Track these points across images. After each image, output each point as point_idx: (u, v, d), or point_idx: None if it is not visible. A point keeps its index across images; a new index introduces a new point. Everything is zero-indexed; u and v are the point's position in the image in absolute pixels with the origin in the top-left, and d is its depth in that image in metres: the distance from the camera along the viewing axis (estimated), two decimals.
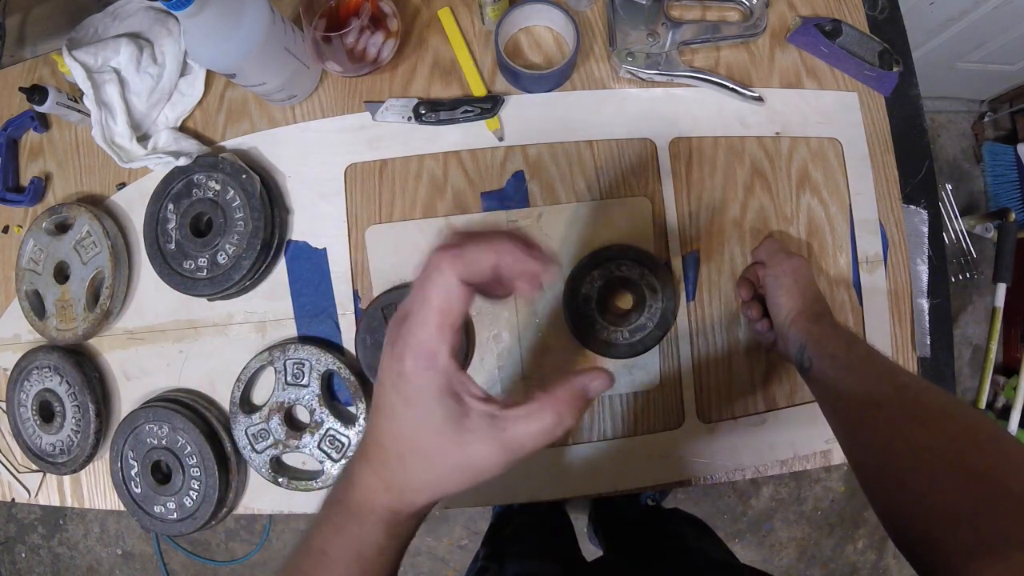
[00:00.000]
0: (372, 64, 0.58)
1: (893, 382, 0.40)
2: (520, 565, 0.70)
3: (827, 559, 1.45)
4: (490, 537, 0.84)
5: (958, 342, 1.49)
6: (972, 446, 0.32)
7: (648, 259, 0.57)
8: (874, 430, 0.38)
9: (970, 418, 0.34)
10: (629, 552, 0.83)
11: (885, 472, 0.36)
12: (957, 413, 0.35)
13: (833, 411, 0.44)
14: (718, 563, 0.63)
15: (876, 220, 0.60)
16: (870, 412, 0.39)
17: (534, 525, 0.86)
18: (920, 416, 0.35)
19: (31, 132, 0.67)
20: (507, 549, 0.76)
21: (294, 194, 0.62)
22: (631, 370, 0.59)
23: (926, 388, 0.38)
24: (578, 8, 0.61)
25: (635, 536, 0.88)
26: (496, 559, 0.73)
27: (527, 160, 0.60)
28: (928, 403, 0.36)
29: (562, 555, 0.78)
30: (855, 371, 0.42)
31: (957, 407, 0.35)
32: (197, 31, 0.49)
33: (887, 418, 0.37)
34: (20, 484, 0.66)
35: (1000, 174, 1.47)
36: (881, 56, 0.59)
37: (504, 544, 0.79)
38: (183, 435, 0.58)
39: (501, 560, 0.71)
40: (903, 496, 0.33)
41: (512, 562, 0.70)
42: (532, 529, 0.84)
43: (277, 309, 0.61)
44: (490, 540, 0.82)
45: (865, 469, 0.39)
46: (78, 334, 0.60)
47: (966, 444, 0.32)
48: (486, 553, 0.77)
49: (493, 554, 0.75)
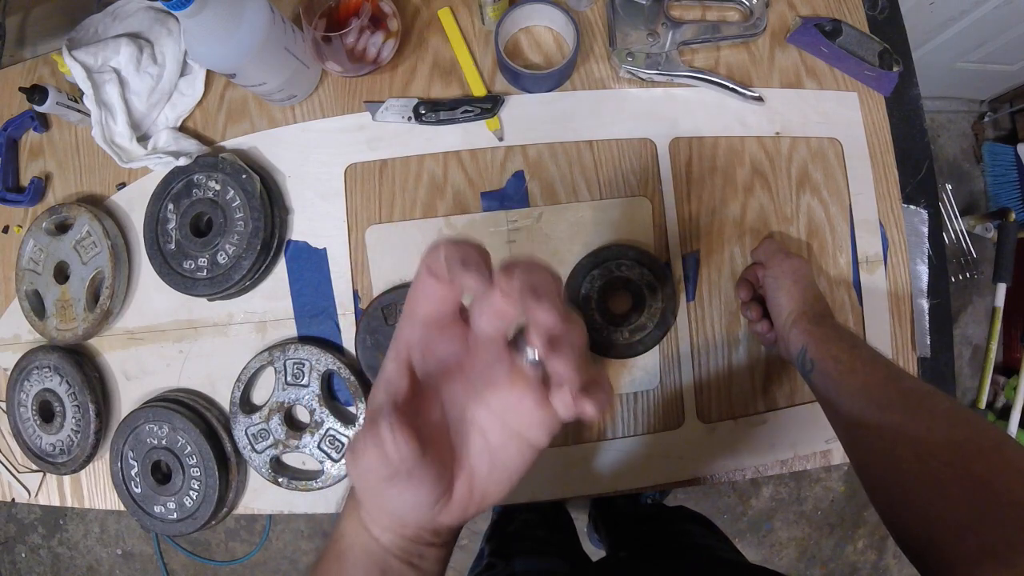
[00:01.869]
0: (372, 64, 0.58)
1: (898, 386, 0.39)
2: (528, 562, 0.69)
3: (827, 559, 1.45)
4: (493, 534, 0.83)
5: (958, 342, 1.48)
6: (977, 453, 0.32)
7: (648, 259, 0.57)
8: (878, 434, 0.38)
9: (974, 424, 0.34)
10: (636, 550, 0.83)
11: (889, 477, 0.36)
12: (961, 419, 0.35)
13: (836, 414, 0.43)
14: (728, 562, 0.63)
15: (876, 220, 0.60)
16: (874, 416, 0.39)
17: (538, 522, 0.85)
18: (925, 421, 0.35)
19: (31, 132, 0.67)
20: (513, 546, 0.76)
21: (294, 194, 0.62)
22: (631, 370, 0.59)
23: (930, 393, 0.38)
24: (578, 8, 0.61)
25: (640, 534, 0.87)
26: (502, 556, 0.72)
27: (527, 160, 0.60)
28: (933, 408, 0.36)
29: (568, 552, 0.78)
30: (858, 374, 0.42)
31: (961, 413, 0.35)
32: (197, 31, 0.49)
33: (891, 423, 0.37)
34: (20, 484, 0.66)
35: (1000, 174, 1.47)
36: (881, 56, 0.59)
37: (510, 541, 0.79)
38: (183, 435, 0.58)
39: (508, 557, 0.71)
40: (908, 502, 0.33)
41: (519, 559, 0.70)
42: (537, 526, 0.84)
43: (277, 309, 0.61)
44: (494, 537, 0.82)
45: (869, 473, 0.39)
46: (78, 334, 0.60)
47: (971, 451, 0.32)
48: (491, 550, 0.77)
49: (499, 551, 0.75)
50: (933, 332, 0.62)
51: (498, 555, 0.73)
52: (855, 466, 0.41)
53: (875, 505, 0.37)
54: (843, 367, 0.43)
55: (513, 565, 0.68)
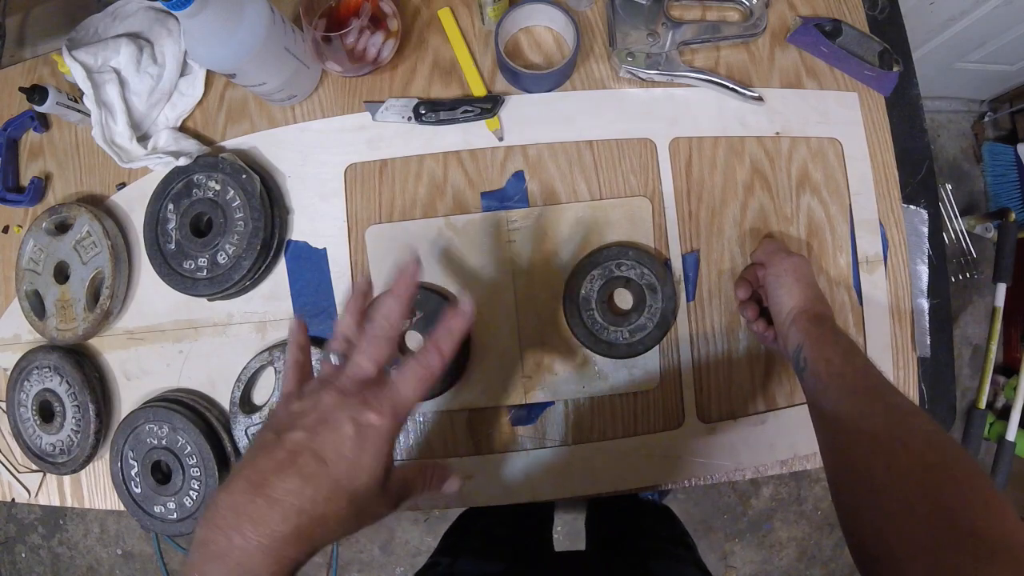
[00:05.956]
0: (372, 64, 0.58)
1: (884, 400, 0.40)
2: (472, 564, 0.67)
3: (827, 559, 1.45)
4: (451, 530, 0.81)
5: (958, 342, 1.49)
6: (949, 480, 0.32)
7: (648, 259, 0.57)
8: (857, 442, 0.38)
9: (951, 451, 0.34)
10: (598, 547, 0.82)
11: (859, 486, 0.36)
12: (941, 444, 0.35)
13: (820, 415, 0.44)
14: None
15: (876, 220, 0.60)
16: (854, 424, 0.39)
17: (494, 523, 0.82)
18: (904, 439, 0.36)
19: (31, 132, 0.67)
20: (461, 544, 0.74)
21: (294, 194, 0.62)
22: (631, 370, 0.59)
23: (915, 412, 0.38)
24: (578, 8, 0.61)
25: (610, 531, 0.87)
26: (449, 553, 0.71)
27: (527, 160, 0.60)
28: (915, 428, 0.37)
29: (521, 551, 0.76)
30: (847, 379, 0.42)
31: (942, 438, 0.35)
32: (197, 31, 0.49)
33: (872, 434, 0.37)
34: (20, 484, 0.66)
35: (1000, 174, 1.47)
36: (881, 56, 0.59)
37: (461, 537, 0.77)
38: (183, 435, 0.58)
39: (455, 555, 0.70)
40: (874, 514, 0.34)
41: (464, 558, 0.68)
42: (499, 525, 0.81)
43: (277, 309, 0.61)
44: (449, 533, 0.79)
45: (840, 478, 0.39)
46: (78, 334, 0.60)
47: (944, 477, 0.33)
48: (439, 548, 0.75)
49: (446, 548, 0.73)
50: (933, 332, 0.62)
51: (444, 552, 0.71)
52: (827, 467, 0.41)
53: (838, 508, 0.38)
54: (833, 370, 0.43)
55: (456, 565, 0.67)
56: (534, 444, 0.59)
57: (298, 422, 0.32)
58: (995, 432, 1.35)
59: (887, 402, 0.39)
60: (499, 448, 0.59)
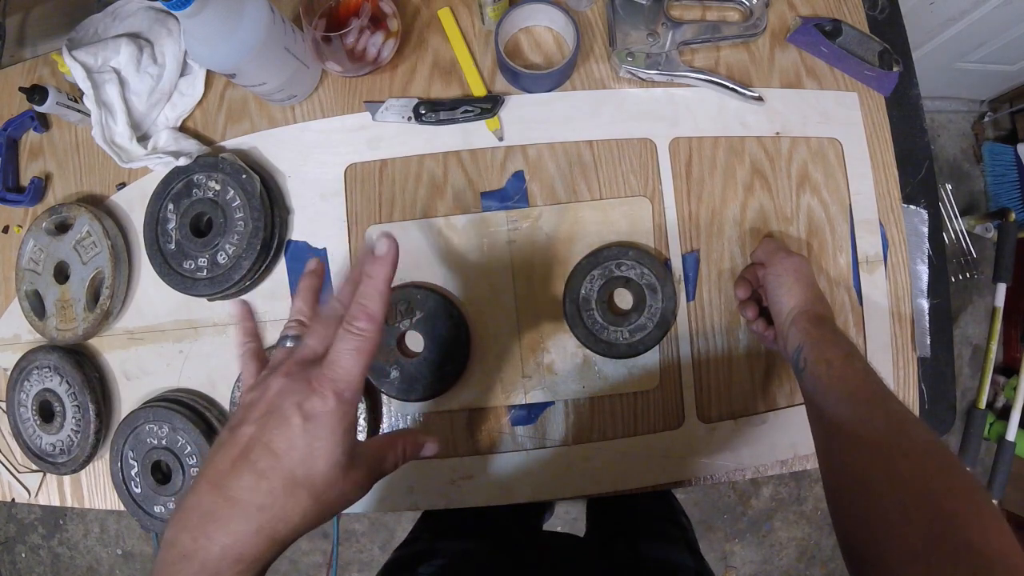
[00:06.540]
0: (372, 64, 0.58)
1: (884, 406, 0.40)
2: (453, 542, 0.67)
3: (827, 559, 1.45)
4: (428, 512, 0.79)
5: (958, 342, 1.49)
6: (947, 491, 0.32)
7: (648, 259, 0.57)
8: (856, 448, 0.38)
9: (949, 463, 0.34)
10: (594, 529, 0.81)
11: (857, 491, 0.36)
12: (939, 454, 0.35)
13: (818, 416, 0.44)
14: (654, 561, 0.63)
15: (876, 220, 0.60)
16: (854, 428, 0.39)
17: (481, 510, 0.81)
18: (903, 447, 0.36)
19: (31, 132, 0.67)
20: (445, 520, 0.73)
21: (294, 194, 0.62)
22: (631, 370, 0.59)
23: (914, 422, 0.38)
24: (578, 8, 0.61)
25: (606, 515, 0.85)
26: (430, 531, 0.70)
27: (527, 160, 0.60)
28: (914, 437, 0.36)
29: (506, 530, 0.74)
30: (847, 382, 0.42)
31: (940, 449, 0.35)
32: (197, 31, 0.49)
33: (872, 441, 0.37)
34: (20, 484, 0.66)
35: (1000, 174, 1.47)
36: (881, 56, 0.59)
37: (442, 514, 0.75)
38: (183, 435, 0.58)
39: (436, 532, 0.69)
40: (869, 519, 0.34)
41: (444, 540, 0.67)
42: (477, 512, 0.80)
43: (277, 309, 0.61)
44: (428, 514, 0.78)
45: (837, 482, 0.39)
46: (78, 334, 0.60)
47: (942, 487, 0.33)
48: (420, 525, 0.74)
49: (427, 526, 0.73)
50: (933, 332, 0.62)
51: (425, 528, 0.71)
52: (823, 468, 0.41)
53: (832, 510, 0.38)
54: (833, 372, 0.43)
55: (437, 542, 0.66)
56: (534, 444, 0.59)
57: (248, 415, 0.31)
58: (995, 432, 1.35)
59: (887, 409, 0.39)
60: (499, 448, 0.59)
